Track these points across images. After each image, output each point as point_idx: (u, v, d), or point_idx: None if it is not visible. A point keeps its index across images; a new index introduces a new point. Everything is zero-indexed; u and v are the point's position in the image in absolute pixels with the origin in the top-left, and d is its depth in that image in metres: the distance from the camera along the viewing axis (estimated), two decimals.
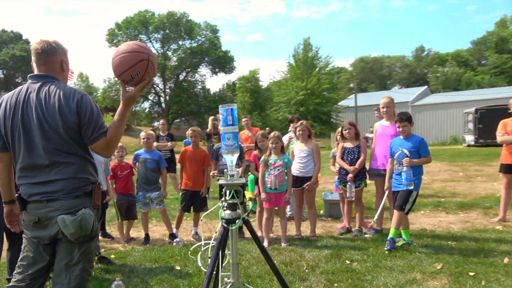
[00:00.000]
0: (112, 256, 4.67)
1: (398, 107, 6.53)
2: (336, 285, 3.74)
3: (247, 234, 5.10)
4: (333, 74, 36.42)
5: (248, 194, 5.44)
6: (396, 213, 4.76)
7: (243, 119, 8.09)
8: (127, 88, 2.29)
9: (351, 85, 54.47)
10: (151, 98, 47.16)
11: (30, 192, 2.23)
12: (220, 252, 2.79)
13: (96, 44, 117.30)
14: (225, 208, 2.80)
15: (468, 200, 7.58)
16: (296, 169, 5.49)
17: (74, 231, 2.16)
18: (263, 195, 5.16)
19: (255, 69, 35.23)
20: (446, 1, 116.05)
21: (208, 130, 8.02)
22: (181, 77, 47.51)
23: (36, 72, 2.31)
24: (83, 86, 53.80)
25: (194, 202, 5.50)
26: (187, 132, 12.06)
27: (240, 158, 5.60)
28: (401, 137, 4.92)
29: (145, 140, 5.50)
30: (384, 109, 5.57)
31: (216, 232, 5.01)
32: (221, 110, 2.85)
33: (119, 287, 3.33)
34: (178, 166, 9.31)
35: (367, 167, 5.71)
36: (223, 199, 2.86)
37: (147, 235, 5.43)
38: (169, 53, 47.59)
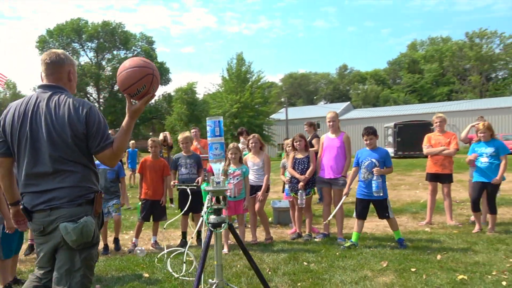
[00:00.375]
0: None
1: (324, 121, 7.16)
2: (299, 284, 4.06)
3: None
4: (265, 88, 37.67)
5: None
6: (387, 221, 5.38)
7: (192, 130, 8.30)
8: (132, 102, 2.40)
9: (282, 99, 56.27)
10: None
11: (34, 203, 2.27)
12: (207, 255, 3.00)
13: (23, 51, 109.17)
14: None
15: (397, 206, 8.39)
16: (250, 179, 5.79)
17: (76, 238, 2.21)
18: None
19: (192, 82, 35.34)
20: (363, 24, 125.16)
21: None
22: (116, 87, 46.14)
23: (45, 82, 2.38)
24: (9, 94, 49.87)
25: (154, 211, 5.56)
26: (131, 142, 11.89)
27: (199, 167, 5.80)
28: (368, 148, 5.43)
29: None
30: (330, 123, 6.05)
31: (191, 237, 5.15)
32: (208, 122, 3.06)
33: None
34: (127, 176, 9.25)
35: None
36: (207, 205, 3.08)
37: (106, 245, 5.36)
38: (103, 63, 46.09)
